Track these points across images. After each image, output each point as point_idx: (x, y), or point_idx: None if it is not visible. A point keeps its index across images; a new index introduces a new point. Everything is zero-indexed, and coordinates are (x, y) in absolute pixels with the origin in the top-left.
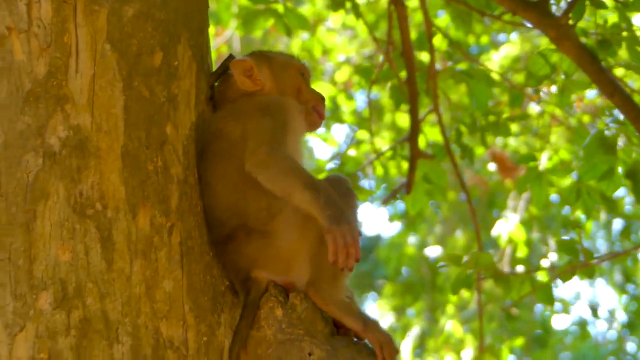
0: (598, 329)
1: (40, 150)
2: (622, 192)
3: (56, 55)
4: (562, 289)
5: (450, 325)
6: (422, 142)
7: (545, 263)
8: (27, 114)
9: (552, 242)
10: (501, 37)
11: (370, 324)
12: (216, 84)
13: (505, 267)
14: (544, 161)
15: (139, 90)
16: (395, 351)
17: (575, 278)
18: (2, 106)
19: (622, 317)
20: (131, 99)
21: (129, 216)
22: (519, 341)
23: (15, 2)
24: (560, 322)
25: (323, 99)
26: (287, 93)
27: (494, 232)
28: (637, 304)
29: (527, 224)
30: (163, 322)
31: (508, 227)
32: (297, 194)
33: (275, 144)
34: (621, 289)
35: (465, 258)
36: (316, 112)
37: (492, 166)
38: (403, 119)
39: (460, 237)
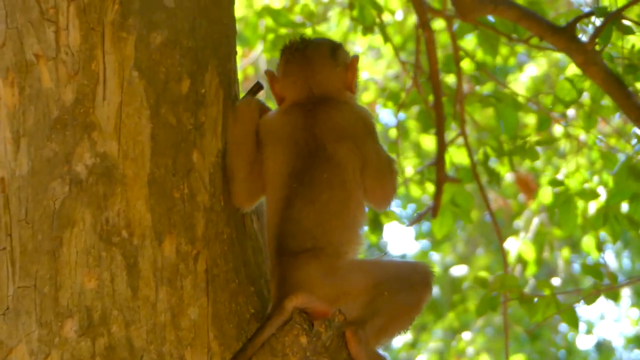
0: (622, 349)
1: (67, 177)
2: None
3: (84, 83)
4: (586, 309)
5: (470, 341)
6: (447, 164)
7: (555, 282)
8: (54, 141)
9: (560, 261)
10: (524, 57)
11: None
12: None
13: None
14: (571, 185)
15: (166, 118)
16: None
17: (600, 299)
18: (30, 133)
19: None
20: (158, 127)
21: (155, 244)
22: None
23: (43, 29)
24: (584, 342)
25: None
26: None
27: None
28: None
29: (540, 243)
30: (188, 350)
31: (518, 245)
32: None
33: (395, 174)
34: None
35: (490, 278)
36: None
37: (511, 180)
38: (428, 141)
39: (482, 255)
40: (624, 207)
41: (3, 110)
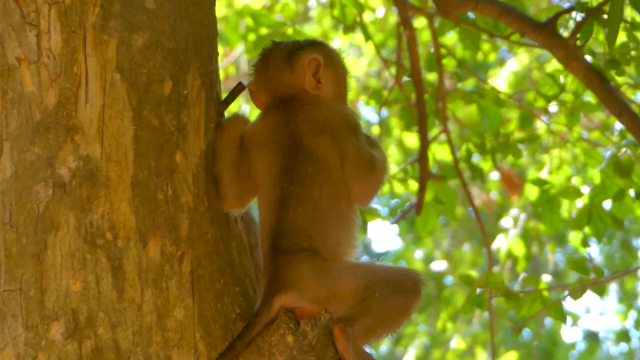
0: (608, 342)
1: (51, 180)
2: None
3: (66, 86)
4: (571, 303)
5: (455, 341)
6: (430, 161)
7: (545, 278)
8: (37, 145)
9: (550, 256)
10: (505, 52)
11: None
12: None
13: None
14: (554, 181)
15: (149, 120)
16: None
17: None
18: (13, 137)
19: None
20: (141, 129)
21: (140, 245)
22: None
23: (24, 32)
24: (569, 335)
25: None
26: (343, 101)
27: (494, 246)
28: None
29: (527, 239)
30: (175, 351)
31: (507, 241)
32: None
33: (381, 172)
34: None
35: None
36: None
37: (495, 176)
38: (410, 139)
39: (467, 251)
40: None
41: None
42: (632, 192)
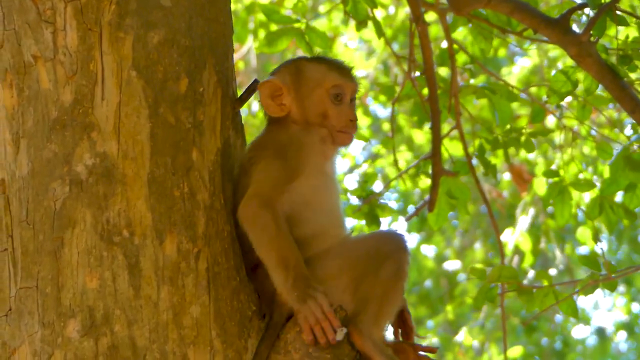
0: (618, 338)
1: (67, 178)
2: None
3: (82, 83)
4: (581, 300)
5: (463, 335)
6: (443, 156)
7: (552, 272)
8: (54, 142)
9: (557, 252)
10: (517, 49)
11: None
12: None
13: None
14: (565, 176)
15: (165, 117)
16: None
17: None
18: (29, 134)
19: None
20: (157, 126)
21: (156, 243)
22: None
23: (41, 30)
24: (580, 332)
25: (352, 121)
26: (312, 119)
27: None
28: None
29: (536, 234)
30: (190, 348)
31: (515, 236)
32: (270, 270)
33: (271, 198)
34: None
35: (487, 270)
36: (343, 134)
37: (507, 176)
38: (420, 135)
39: (479, 249)
40: (619, 197)
41: (2, 112)
42: None
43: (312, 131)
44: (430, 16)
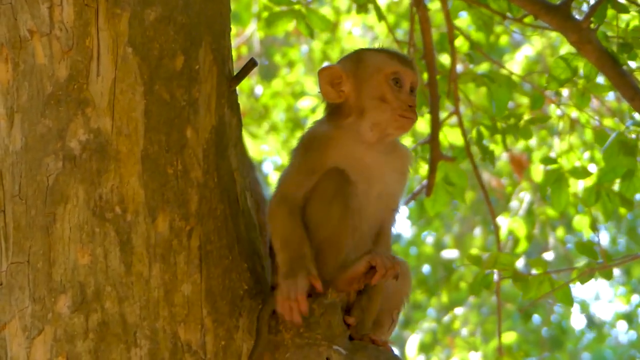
0: (617, 329)
1: (61, 153)
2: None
3: (77, 59)
4: (580, 290)
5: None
6: (442, 143)
7: (547, 256)
8: (48, 117)
9: (552, 238)
10: (518, 36)
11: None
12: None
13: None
14: (563, 163)
15: (160, 94)
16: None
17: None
18: (24, 109)
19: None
20: (152, 103)
21: (148, 220)
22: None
23: (37, 5)
24: (578, 322)
25: (411, 105)
26: (368, 104)
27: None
28: None
29: (532, 220)
30: (181, 326)
31: (509, 221)
32: (276, 253)
33: (288, 194)
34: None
35: (484, 256)
36: (402, 119)
37: (506, 161)
38: (419, 122)
39: (478, 235)
40: (616, 186)
41: None
42: None
43: (352, 125)
44: (434, 4)
